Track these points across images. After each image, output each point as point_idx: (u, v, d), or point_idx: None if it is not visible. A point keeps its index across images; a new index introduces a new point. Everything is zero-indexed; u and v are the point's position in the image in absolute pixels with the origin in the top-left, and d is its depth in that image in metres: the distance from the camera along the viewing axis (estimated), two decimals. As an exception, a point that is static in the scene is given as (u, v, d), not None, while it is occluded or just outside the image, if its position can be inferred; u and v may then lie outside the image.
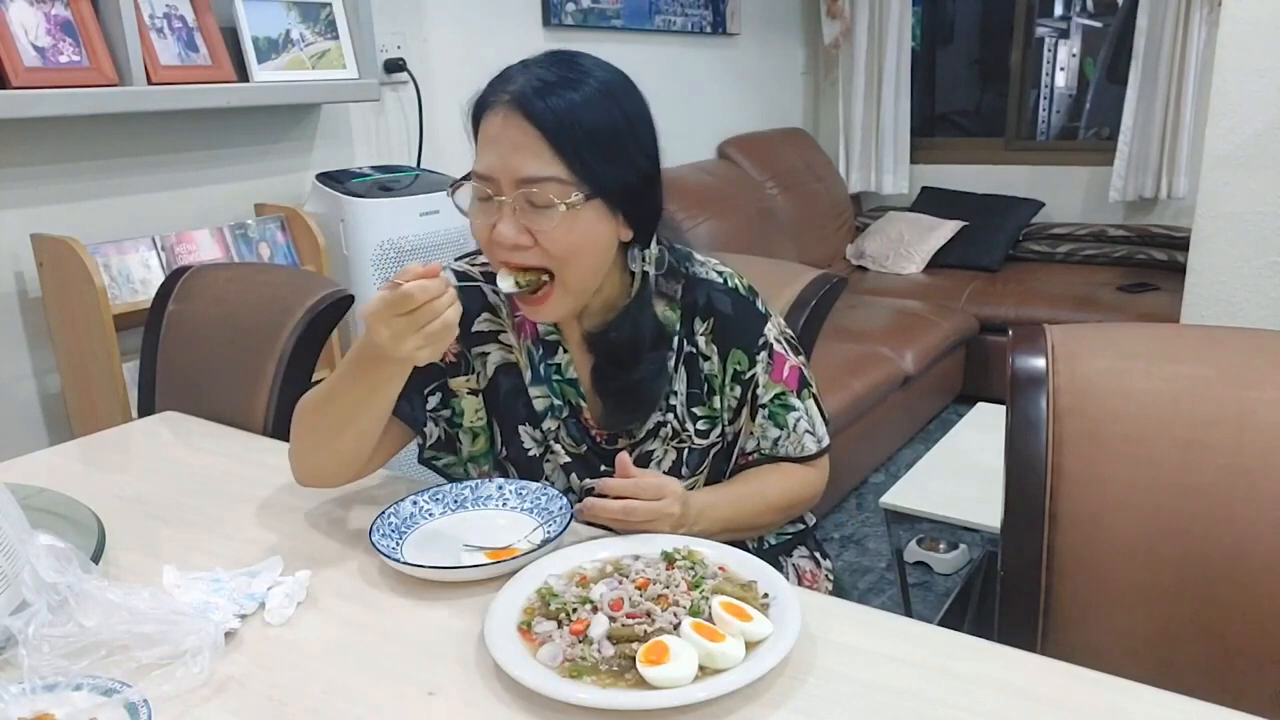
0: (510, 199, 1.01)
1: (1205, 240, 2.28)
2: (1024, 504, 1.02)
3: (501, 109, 1.02)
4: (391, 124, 2.76)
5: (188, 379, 1.61)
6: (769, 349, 1.17)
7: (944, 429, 2.63)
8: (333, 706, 0.78)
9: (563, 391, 1.16)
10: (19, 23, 1.85)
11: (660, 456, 1.18)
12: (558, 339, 1.16)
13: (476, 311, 1.17)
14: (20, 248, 2.00)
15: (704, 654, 0.78)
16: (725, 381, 1.17)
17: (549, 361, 1.16)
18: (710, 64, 4.07)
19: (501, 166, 1.01)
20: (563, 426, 1.17)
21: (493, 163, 1.02)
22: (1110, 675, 0.78)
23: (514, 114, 1.00)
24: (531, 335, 1.17)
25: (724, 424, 1.19)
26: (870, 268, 4.31)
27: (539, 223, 1.01)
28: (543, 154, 1.00)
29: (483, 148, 1.04)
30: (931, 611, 2.40)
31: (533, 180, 1.00)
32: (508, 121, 1.01)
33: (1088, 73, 5.37)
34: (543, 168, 1.00)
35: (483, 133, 1.04)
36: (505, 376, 1.17)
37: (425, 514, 1.08)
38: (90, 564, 0.93)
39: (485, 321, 1.18)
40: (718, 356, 1.16)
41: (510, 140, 1.01)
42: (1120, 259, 4.00)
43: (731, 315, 1.16)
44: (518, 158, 1.00)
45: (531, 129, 1.00)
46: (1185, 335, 1.10)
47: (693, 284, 1.17)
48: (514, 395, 1.17)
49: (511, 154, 1.01)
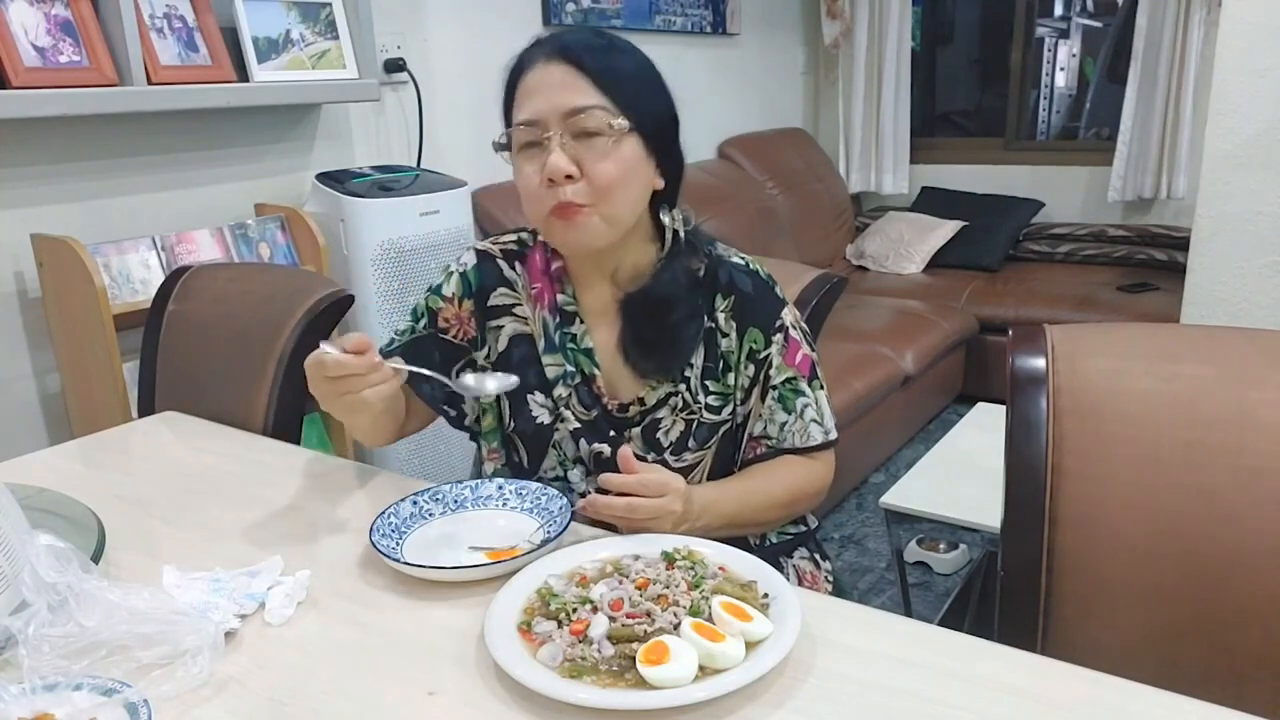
0: (557, 132, 1.07)
1: (1205, 240, 2.29)
2: (1024, 504, 1.02)
3: (540, 59, 1.09)
4: (391, 124, 2.76)
5: (188, 379, 1.61)
6: (785, 332, 1.20)
7: (944, 429, 2.63)
8: (333, 706, 0.78)
9: (576, 360, 1.19)
10: (19, 23, 1.85)
11: (669, 427, 1.19)
12: (575, 309, 1.20)
13: (493, 286, 1.23)
14: (20, 248, 2.00)
15: (704, 654, 0.78)
16: (740, 359, 1.20)
17: (565, 330, 1.19)
18: (710, 64, 4.07)
19: (548, 107, 1.07)
20: (574, 393, 1.19)
21: (538, 106, 1.08)
22: (1111, 675, 0.78)
23: (554, 60, 1.08)
24: (549, 305, 1.20)
25: (735, 403, 1.21)
26: (870, 268, 4.31)
27: (586, 154, 1.07)
28: (586, 89, 1.07)
29: (524, 99, 1.10)
30: (931, 611, 2.40)
31: (580, 109, 1.06)
32: (549, 67, 1.08)
33: (1087, 73, 5.37)
34: (588, 98, 1.07)
35: (522, 88, 1.10)
36: (518, 347, 1.21)
37: (425, 514, 1.08)
38: (90, 564, 0.93)
39: (501, 296, 1.23)
40: (735, 334, 1.19)
41: (554, 81, 1.07)
42: (1120, 259, 4.00)
43: (751, 294, 1.20)
44: (563, 94, 1.07)
45: (572, 69, 1.07)
46: (1185, 335, 1.10)
47: (715, 263, 1.21)
48: (525, 364, 1.20)
49: (557, 92, 1.07)
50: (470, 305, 1.22)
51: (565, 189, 1.07)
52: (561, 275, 1.20)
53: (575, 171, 1.07)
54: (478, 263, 1.23)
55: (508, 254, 1.24)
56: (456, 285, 1.23)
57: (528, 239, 1.25)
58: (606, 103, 1.07)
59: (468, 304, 1.22)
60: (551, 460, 1.22)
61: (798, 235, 4.09)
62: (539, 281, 1.21)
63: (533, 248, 1.23)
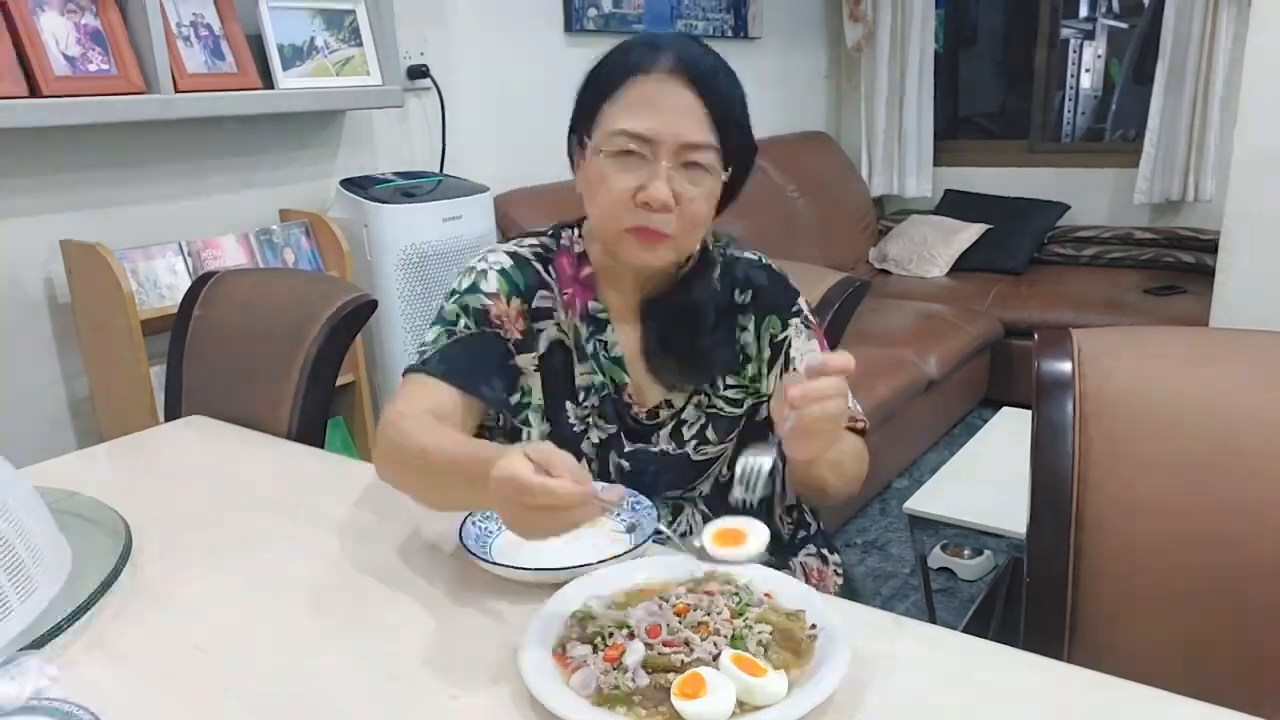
0: (668, 161, 1.04)
1: (1235, 242, 2.26)
2: (1050, 510, 1.01)
3: (660, 70, 1.05)
4: (414, 130, 2.78)
5: (214, 383, 1.63)
6: (803, 317, 1.22)
7: (968, 434, 2.61)
8: (354, 709, 0.79)
9: (608, 369, 1.18)
10: (50, 32, 1.88)
11: (692, 421, 1.20)
12: (606, 316, 1.18)
13: (536, 286, 1.18)
14: (50, 254, 2.03)
15: (743, 689, 0.75)
16: (760, 348, 1.21)
17: (599, 338, 1.18)
18: (732, 68, 4.05)
19: (666, 130, 1.04)
20: (601, 405, 1.18)
21: (655, 125, 1.04)
22: (1139, 683, 0.77)
23: (677, 80, 1.04)
24: (580, 313, 1.18)
25: (757, 391, 1.21)
26: (893, 271, 4.29)
27: (687, 187, 1.06)
28: (704, 122, 1.05)
29: (638, 109, 1.06)
30: (956, 618, 2.38)
31: (696, 146, 1.05)
32: (670, 86, 1.04)
33: (1113, 74, 5.32)
34: (705, 135, 1.05)
35: (635, 93, 1.06)
36: (557, 353, 1.18)
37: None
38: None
39: (543, 298, 1.18)
40: (754, 325, 1.20)
41: (676, 105, 1.04)
42: (1147, 262, 3.95)
43: (767, 286, 1.21)
44: (684, 124, 1.04)
45: (693, 96, 1.04)
46: (1214, 338, 1.09)
47: (731, 260, 1.22)
48: (562, 371, 1.18)
49: (678, 119, 1.04)
50: (520, 304, 1.16)
51: (656, 215, 1.06)
52: (591, 281, 1.18)
53: (674, 206, 1.05)
54: (514, 263, 1.17)
55: (538, 257, 1.19)
56: (499, 282, 1.15)
57: (550, 243, 1.20)
58: (718, 142, 1.06)
59: (516, 302, 1.15)
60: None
61: (820, 239, 4.07)
62: (570, 287, 1.18)
63: (558, 252, 1.20)
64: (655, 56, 1.06)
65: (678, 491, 1.21)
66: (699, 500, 1.23)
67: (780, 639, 0.81)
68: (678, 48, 1.07)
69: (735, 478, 0.97)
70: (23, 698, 0.80)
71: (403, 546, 1.06)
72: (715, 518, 1.17)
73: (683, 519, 1.22)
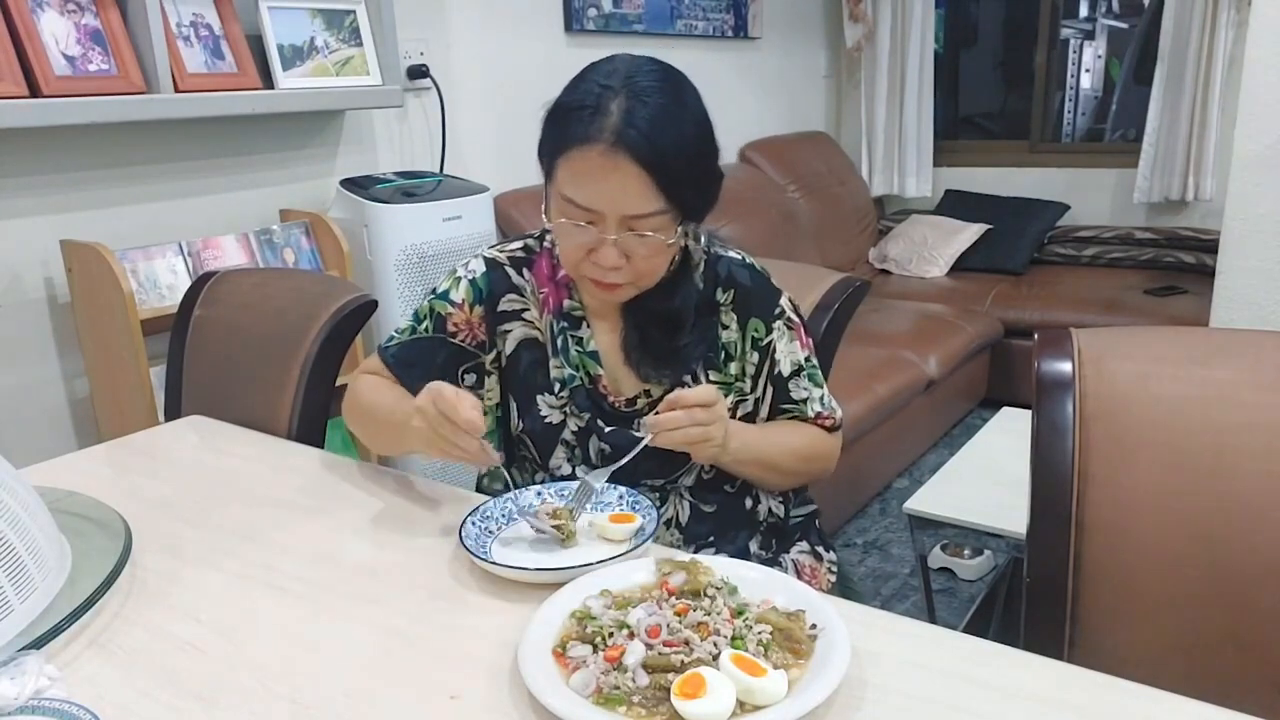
0: (613, 233, 1.07)
1: (1235, 242, 2.25)
2: (1050, 510, 1.01)
3: (601, 145, 1.03)
4: (414, 130, 2.78)
5: (213, 383, 1.63)
6: (785, 319, 1.25)
7: (968, 434, 2.61)
8: (354, 709, 0.79)
9: (581, 363, 1.22)
10: (50, 32, 1.88)
11: None
12: (582, 313, 1.23)
13: (502, 292, 1.25)
14: (50, 254, 2.03)
15: (743, 689, 0.75)
16: (744, 349, 1.24)
17: (572, 334, 1.22)
18: (732, 68, 4.06)
19: (608, 205, 1.06)
20: (573, 395, 1.22)
21: (596, 200, 1.06)
22: (1139, 684, 0.77)
23: (619, 153, 1.03)
24: (554, 310, 1.23)
25: (745, 391, 1.25)
26: (893, 271, 4.29)
27: (638, 248, 1.09)
28: (647, 192, 1.05)
29: (581, 180, 1.06)
30: (956, 618, 2.38)
31: (639, 217, 1.06)
32: (612, 160, 1.04)
33: (1113, 74, 5.32)
34: (648, 205, 1.06)
35: (578, 163, 1.06)
36: (527, 350, 1.25)
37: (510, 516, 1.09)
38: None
39: (509, 301, 1.25)
40: (737, 325, 1.23)
41: (616, 181, 1.04)
42: (1147, 262, 3.96)
43: (750, 287, 1.24)
44: (625, 199, 1.05)
45: (636, 169, 1.04)
46: (1215, 339, 1.09)
47: (714, 259, 1.24)
48: (535, 367, 1.24)
49: (618, 195, 1.05)
50: (481, 311, 1.25)
51: (610, 272, 1.10)
52: (568, 281, 1.23)
53: (624, 264, 1.09)
54: (486, 270, 1.25)
55: (515, 261, 1.26)
56: (467, 291, 1.25)
57: (534, 245, 1.28)
58: (664, 205, 1.06)
59: (478, 310, 1.25)
60: (559, 458, 1.25)
61: (820, 239, 4.07)
62: (546, 287, 1.24)
63: (539, 254, 1.26)
64: (600, 124, 1.03)
65: (660, 480, 1.24)
66: (684, 492, 1.26)
67: (780, 639, 0.81)
68: (624, 108, 1.03)
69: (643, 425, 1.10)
70: (23, 698, 0.80)
71: (402, 546, 1.06)
72: (702, 508, 1.25)
73: (669, 506, 1.25)
